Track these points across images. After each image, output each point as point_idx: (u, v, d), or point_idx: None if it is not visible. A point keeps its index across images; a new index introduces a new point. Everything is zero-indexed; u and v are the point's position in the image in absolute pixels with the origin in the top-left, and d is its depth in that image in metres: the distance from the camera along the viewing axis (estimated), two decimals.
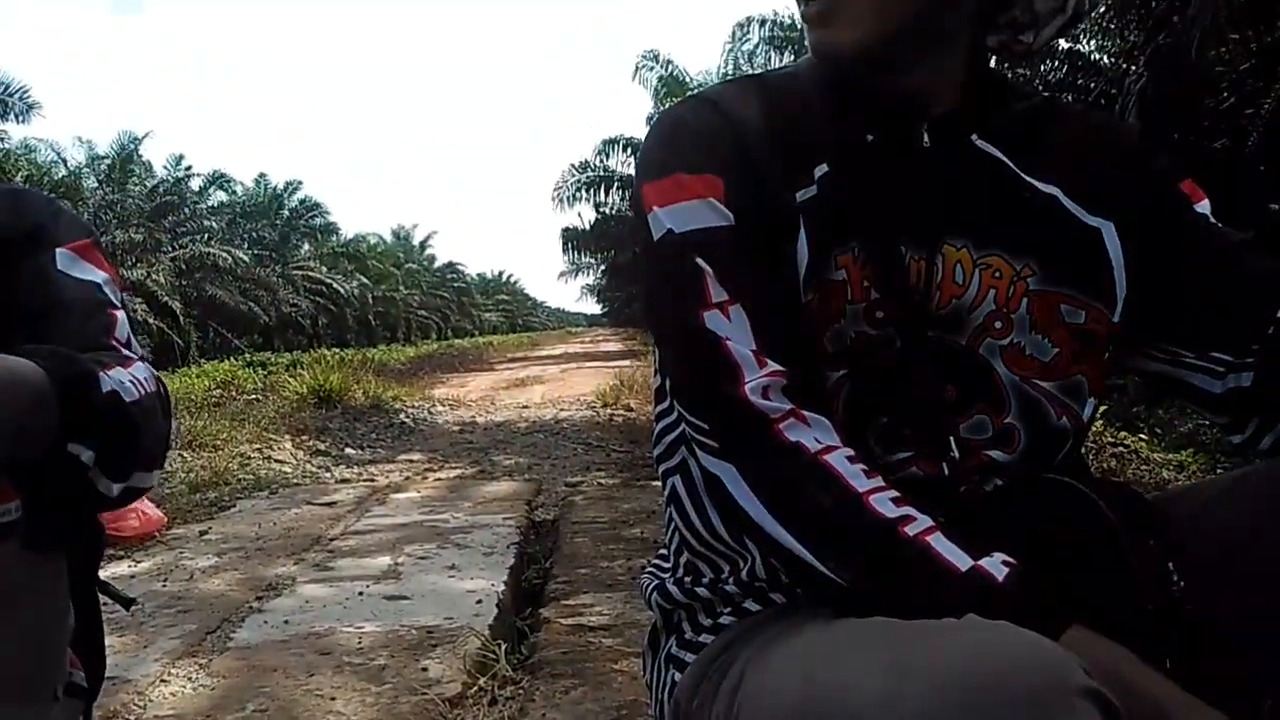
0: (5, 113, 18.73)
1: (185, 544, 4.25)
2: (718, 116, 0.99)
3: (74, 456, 0.87)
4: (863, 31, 0.93)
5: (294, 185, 38.15)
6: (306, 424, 9.22)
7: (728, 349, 0.89)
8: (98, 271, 1.14)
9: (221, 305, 28.83)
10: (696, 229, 0.93)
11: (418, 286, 55.87)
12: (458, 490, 5.55)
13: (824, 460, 0.84)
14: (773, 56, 16.63)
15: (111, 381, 0.94)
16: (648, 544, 3.80)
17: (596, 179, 23.68)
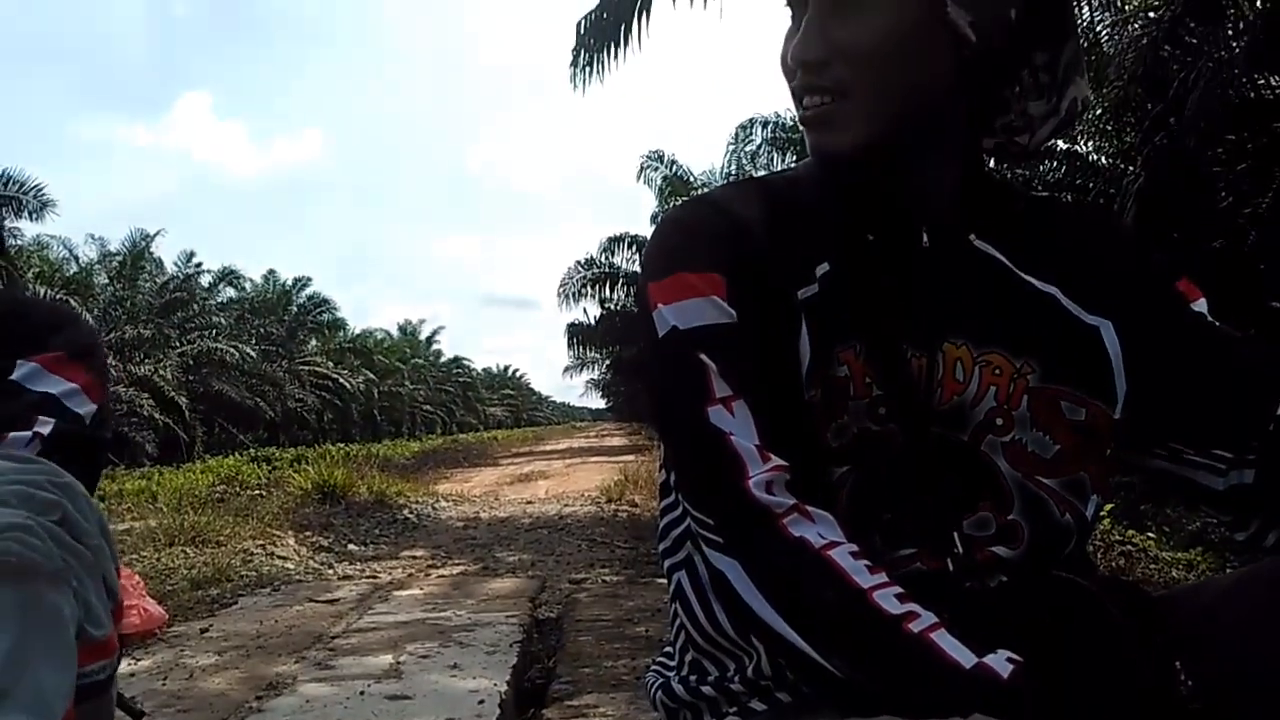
0: (20, 210, 19.05)
1: (186, 641, 4.20)
2: (720, 216, 1.01)
3: None
4: (861, 134, 0.96)
5: (303, 281, 38.67)
6: (310, 520, 9.18)
7: (731, 444, 0.89)
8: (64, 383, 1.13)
9: (227, 400, 28.92)
10: (700, 326, 0.94)
11: (423, 381, 56.05)
12: (460, 587, 5.50)
13: (828, 556, 0.84)
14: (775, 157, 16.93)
15: None
16: (652, 642, 3.75)
17: (602, 275, 23.92)
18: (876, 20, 0.94)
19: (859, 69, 0.95)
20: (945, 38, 0.95)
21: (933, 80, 0.97)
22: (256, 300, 36.23)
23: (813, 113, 0.98)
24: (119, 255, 27.72)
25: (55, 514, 0.78)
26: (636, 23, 7.91)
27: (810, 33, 0.96)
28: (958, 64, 0.97)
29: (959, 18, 0.94)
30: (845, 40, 0.95)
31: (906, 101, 0.96)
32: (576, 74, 8.63)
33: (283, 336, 36.00)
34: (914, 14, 0.94)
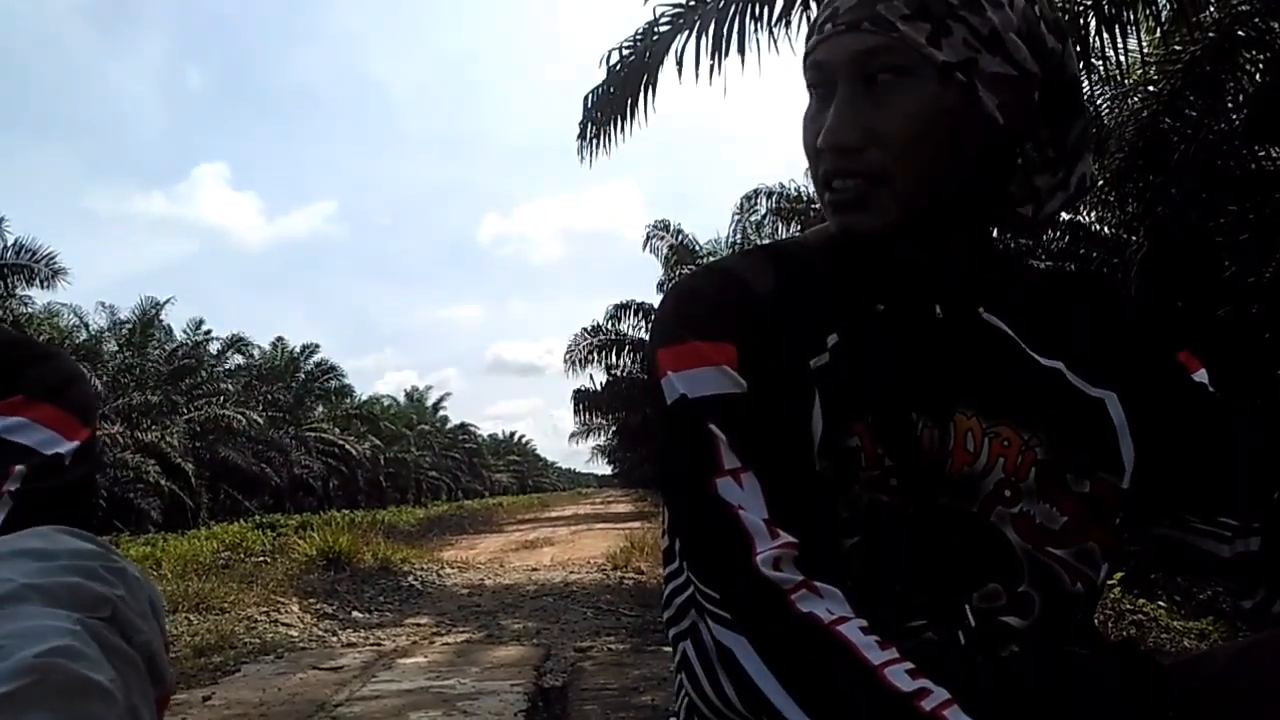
0: (31, 278, 19.22)
1: (189, 709, 4.15)
2: (731, 285, 1.01)
3: None
4: (894, 217, 0.96)
5: (311, 348, 38.80)
6: (314, 586, 9.11)
7: (740, 518, 0.89)
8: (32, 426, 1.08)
9: (234, 467, 28.86)
10: (710, 395, 0.94)
11: (429, 448, 55.92)
12: (465, 655, 5.44)
13: (837, 631, 0.83)
14: (779, 226, 17.05)
15: None
16: (659, 712, 3.71)
17: (608, 342, 23.96)
18: (912, 106, 0.95)
19: (894, 154, 0.95)
20: (975, 121, 0.96)
21: (962, 162, 0.98)
22: (264, 367, 36.32)
23: (844, 196, 0.98)
24: (129, 323, 27.89)
25: (106, 610, 0.75)
26: (643, 97, 8.03)
27: (843, 117, 0.96)
28: (985, 144, 0.98)
29: (989, 101, 0.96)
30: (881, 126, 0.95)
31: (939, 184, 0.97)
32: (583, 146, 8.75)
33: (290, 403, 36.03)
34: (948, 99, 0.95)
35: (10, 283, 18.99)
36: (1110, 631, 4.51)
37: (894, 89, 0.96)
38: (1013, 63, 0.97)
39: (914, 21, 0.94)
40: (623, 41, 8.12)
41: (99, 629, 0.73)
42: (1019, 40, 0.97)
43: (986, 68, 0.96)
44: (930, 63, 0.94)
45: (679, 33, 7.55)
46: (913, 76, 0.95)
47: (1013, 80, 0.97)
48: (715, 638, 0.90)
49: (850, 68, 0.97)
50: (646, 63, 7.93)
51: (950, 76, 0.95)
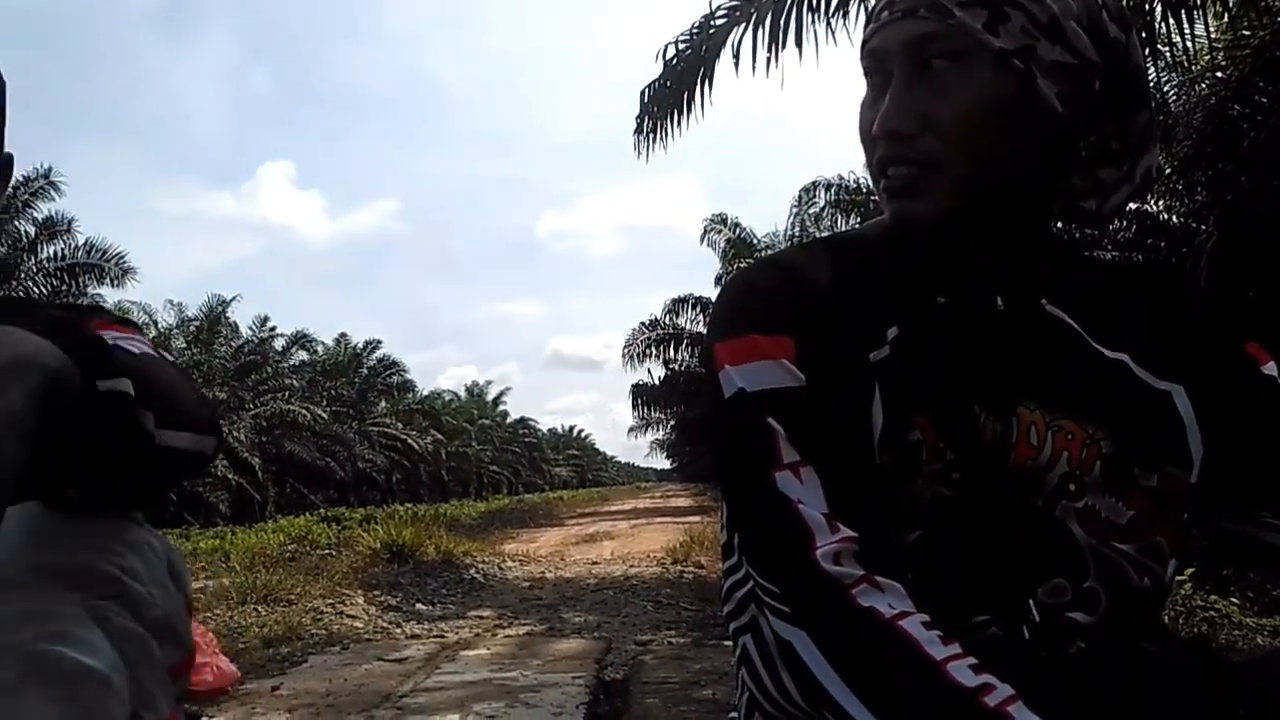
0: (102, 277, 19.72)
1: (257, 699, 4.24)
2: (789, 278, 1.01)
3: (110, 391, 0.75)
4: (947, 204, 0.95)
5: (373, 344, 39.36)
6: (379, 579, 9.25)
7: (799, 512, 0.88)
8: None
9: (299, 461, 29.39)
10: (768, 389, 0.93)
11: (490, 442, 56.44)
12: (527, 647, 5.49)
13: (898, 626, 0.83)
14: (838, 219, 16.92)
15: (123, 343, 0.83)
16: (720, 706, 3.71)
17: (666, 336, 23.96)
18: (968, 93, 0.94)
19: (949, 141, 0.94)
20: (1032, 110, 0.95)
21: (1019, 151, 0.97)
22: (328, 363, 36.91)
23: (898, 183, 0.97)
24: (196, 320, 28.53)
25: (114, 589, 0.75)
26: (699, 91, 8.02)
27: (899, 104, 0.96)
28: (1043, 134, 0.97)
29: (1047, 89, 0.94)
30: (936, 112, 0.95)
31: (993, 172, 0.96)
32: (640, 140, 8.76)
33: (353, 398, 36.60)
34: (1005, 87, 0.94)
35: (82, 282, 19.48)
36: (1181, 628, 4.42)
37: (949, 75, 0.95)
38: (1072, 51, 0.95)
39: (971, 8, 0.93)
40: (679, 35, 8.11)
41: (104, 610, 0.73)
42: (1079, 29, 0.95)
43: (1045, 56, 0.94)
44: (987, 49, 0.93)
45: (735, 26, 7.52)
46: (969, 63, 0.94)
47: (1073, 69, 0.95)
48: (775, 632, 0.90)
49: (906, 54, 0.96)
50: (703, 56, 7.91)
51: (1007, 64, 0.94)
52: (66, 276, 19.16)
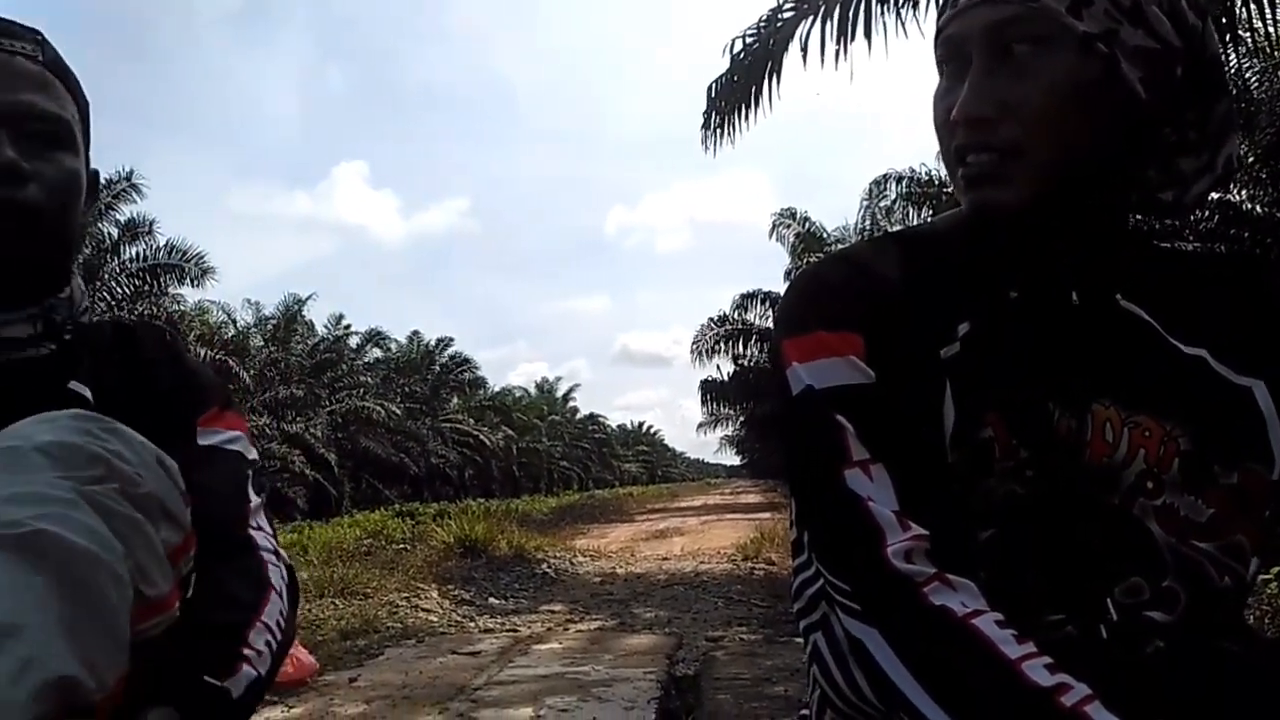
0: (182, 277, 20.21)
1: (335, 690, 4.33)
2: (858, 274, 1.00)
3: None
4: (1029, 192, 0.94)
5: (445, 342, 39.85)
6: (452, 573, 9.38)
7: (869, 510, 0.88)
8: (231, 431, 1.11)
9: (374, 456, 29.88)
10: (837, 386, 0.93)
11: (560, 438, 56.80)
12: (598, 642, 5.53)
13: (972, 625, 0.82)
14: (910, 212, 16.68)
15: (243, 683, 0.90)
16: (791, 703, 3.70)
17: (735, 332, 23.83)
18: (1050, 78, 0.92)
19: (1032, 127, 0.93)
20: (1115, 95, 0.93)
21: (1101, 137, 0.95)
22: (401, 360, 37.46)
23: (979, 170, 0.95)
24: (273, 319, 29.12)
25: (98, 469, 0.76)
26: (767, 84, 7.98)
27: (979, 90, 0.94)
28: (1124, 121, 0.95)
29: (1130, 75, 0.92)
30: (1018, 98, 0.93)
31: (1075, 159, 0.94)
32: (707, 136, 8.74)
33: (426, 395, 37.08)
34: (1088, 72, 0.92)
35: (163, 282, 20.00)
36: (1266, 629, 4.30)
37: (1032, 60, 0.93)
38: (1155, 36, 0.93)
39: None
40: (746, 29, 8.07)
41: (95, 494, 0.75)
42: (1161, 13, 0.93)
43: (1128, 40, 0.92)
44: (1070, 33, 0.92)
45: (803, 18, 7.46)
46: (1052, 47, 0.92)
47: (1155, 54, 0.93)
48: (846, 630, 0.90)
49: (986, 39, 0.95)
50: (770, 50, 7.86)
51: (1091, 48, 0.92)
52: (148, 277, 19.68)
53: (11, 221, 0.93)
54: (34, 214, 0.94)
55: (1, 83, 0.95)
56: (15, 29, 0.99)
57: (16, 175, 0.93)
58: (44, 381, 0.99)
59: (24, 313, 0.99)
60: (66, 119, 1.00)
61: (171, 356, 1.12)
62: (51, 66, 1.00)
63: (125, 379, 1.04)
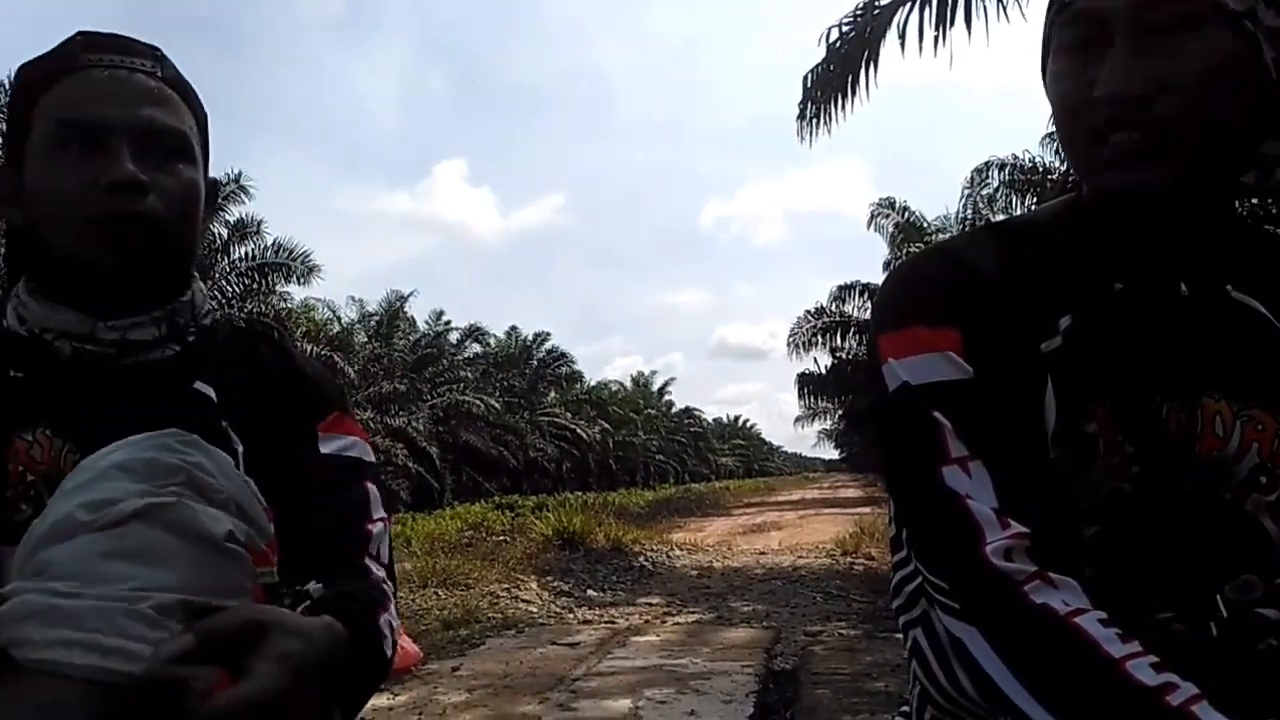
0: (289, 275, 20.76)
1: (439, 679, 4.43)
2: (955, 267, 0.98)
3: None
4: (1179, 171, 0.90)
5: (542, 336, 40.26)
6: (551, 565, 9.49)
7: (967, 508, 0.86)
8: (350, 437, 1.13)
9: (474, 450, 30.37)
10: (934, 382, 0.91)
11: (656, 432, 56.93)
12: (696, 635, 5.54)
13: (1074, 623, 0.80)
14: (1013, 200, 16.27)
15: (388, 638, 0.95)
16: (892, 699, 3.66)
17: (832, 324, 23.52)
18: (1208, 56, 0.89)
19: (1187, 106, 0.89)
20: (1256, 75, 0.91)
21: (1241, 119, 0.92)
22: (500, 355, 37.98)
23: (1127, 149, 0.92)
24: (376, 315, 29.76)
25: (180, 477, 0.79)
26: (864, 73, 7.88)
27: (1129, 66, 0.90)
28: (1259, 102, 0.93)
29: (1267, 54, 0.90)
30: (1174, 75, 0.89)
31: (1224, 140, 0.91)
32: (803, 126, 8.67)
33: (524, 389, 37.55)
34: (1239, 51, 0.89)
35: (271, 280, 20.56)
36: None
37: (1186, 37, 0.89)
38: None
39: None
40: (842, 18, 7.98)
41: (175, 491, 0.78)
42: None
43: (1264, 20, 0.90)
44: (1222, 11, 0.89)
45: (901, 5, 7.34)
46: (1203, 25, 0.89)
47: None
48: (946, 628, 0.88)
49: (1134, 15, 0.92)
50: (867, 38, 7.76)
51: (1240, 27, 0.89)
52: (256, 275, 20.26)
53: (134, 232, 0.98)
54: (155, 224, 0.99)
55: (122, 99, 1.00)
56: (135, 46, 1.04)
57: (137, 187, 0.97)
58: (170, 382, 1.03)
59: (149, 316, 1.04)
60: (184, 131, 1.04)
61: (287, 358, 1.16)
62: (170, 81, 1.04)
63: (245, 381, 1.08)
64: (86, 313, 1.00)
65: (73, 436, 0.97)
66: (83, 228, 0.97)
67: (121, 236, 0.97)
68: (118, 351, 1.01)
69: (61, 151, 0.98)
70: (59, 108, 0.99)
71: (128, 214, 0.97)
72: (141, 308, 1.03)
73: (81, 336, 1.00)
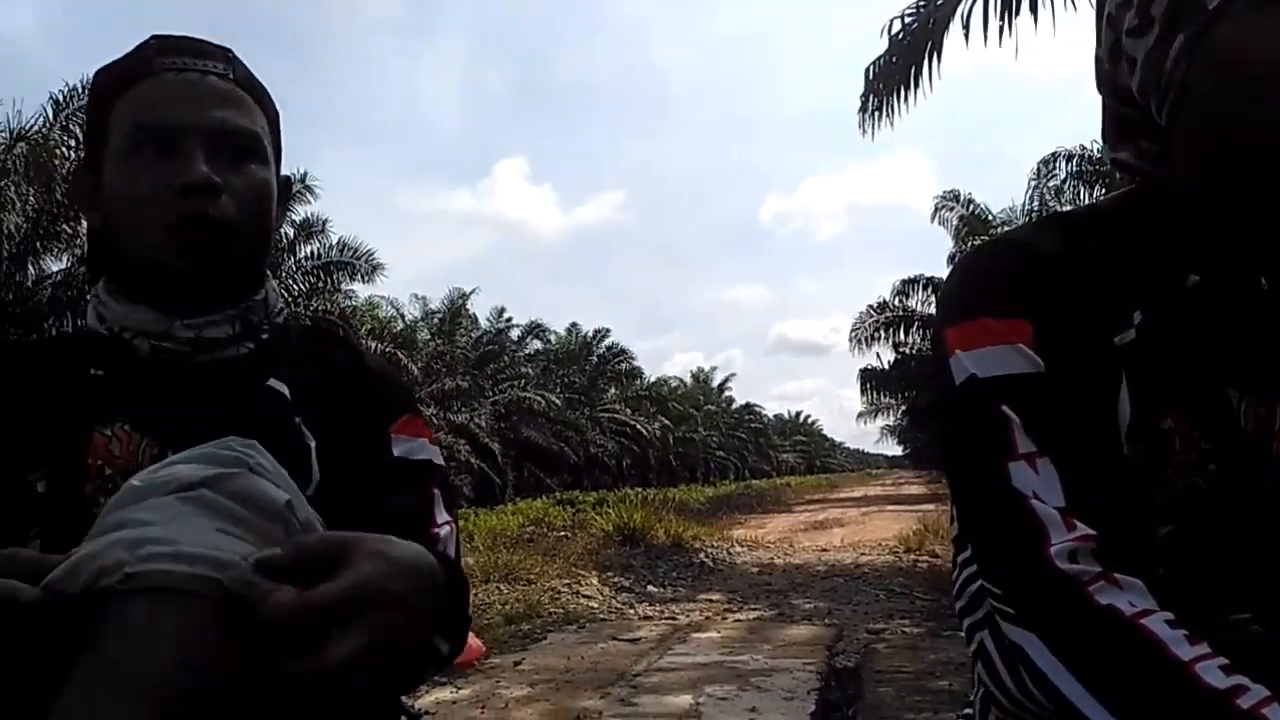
0: (353, 274, 21.05)
1: (501, 673, 4.47)
2: (1024, 258, 0.95)
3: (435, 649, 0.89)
4: None
5: (602, 333, 40.39)
6: (612, 561, 9.53)
7: (1032, 508, 0.84)
8: (418, 439, 1.14)
9: (535, 446, 30.59)
10: (1003, 375, 0.89)
11: (716, 428, 56.86)
12: (757, 632, 5.52)
13: (1141, 625, 0.77)
14: (1081, 192, 15.95)
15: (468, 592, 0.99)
16: (957, 697, 3.62)
17: (895, 319, 23.29)
18: None
19: None
20: None
21: None
22: (560, 351, 38.20)
23: None
24: (439, 313, 30.12)
25: (240, 468, 0.80)
26: (927, 64, 7.78)
27: None
28: None
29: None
30: None
31: None
32: (865, 119, 8.59)
33: (584, 385, 37.73)
34: None
35: (335, 279, 20.87)
36: None
37: None
38: None
39: None
40: (905, 9, 7.89)
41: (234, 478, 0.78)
42: None
43: None
44: None
45: None
46: None
47: None
48: (1005, 635, 0.86)
49: None
50: (930, 29, 7.66)
51: None
52: (321, 274, 20.56)
53: (207, 233, 0.99)
54: (227, 226, 1.00)
55: (194, 101, 1.01)
56: (208, 49, 1.06)
57: (210, 189, 0.99)
58: (245, 379, 1.05)
59: (224, 315, 1.05)
60: (256, 131, 1.05)
61: (358, 358, 1.18)
62: (241, 82, 1.06)
63: (316, 379, 1.10)
64: (163, 312, 1.02)
65: (150, 432, 0.99)
66: (156, 230, 0.99)
67: (194, 239, 0.99)
68: (193, 349, 1.03)
69: (136, 155, 1.00)
70: (133, 112, 1.01)
71: (201, 216, 0.99)
72: (216, 307, 1.04)
73: (159, 335, 1.02)
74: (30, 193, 14.50)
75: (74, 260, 15.65)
